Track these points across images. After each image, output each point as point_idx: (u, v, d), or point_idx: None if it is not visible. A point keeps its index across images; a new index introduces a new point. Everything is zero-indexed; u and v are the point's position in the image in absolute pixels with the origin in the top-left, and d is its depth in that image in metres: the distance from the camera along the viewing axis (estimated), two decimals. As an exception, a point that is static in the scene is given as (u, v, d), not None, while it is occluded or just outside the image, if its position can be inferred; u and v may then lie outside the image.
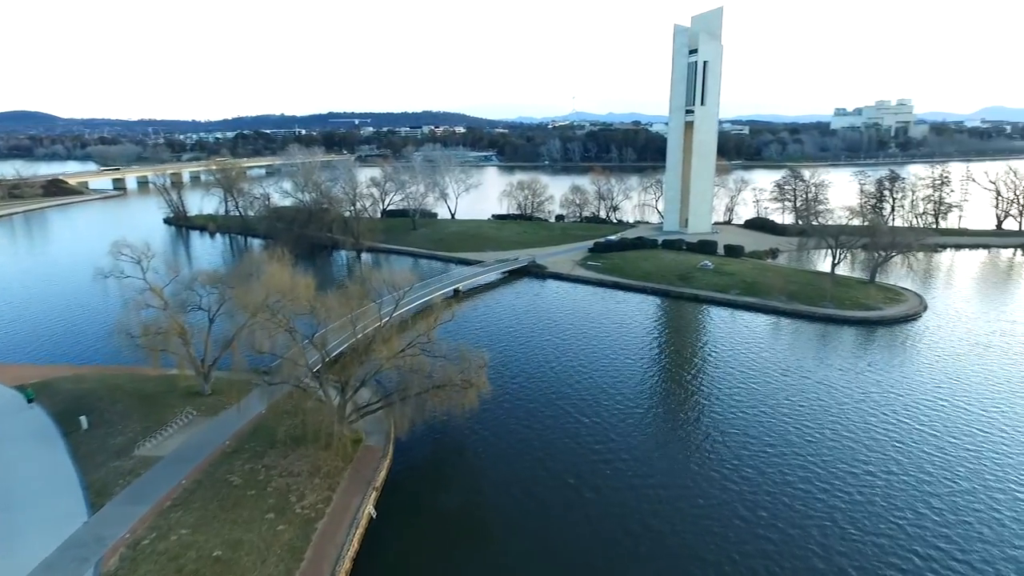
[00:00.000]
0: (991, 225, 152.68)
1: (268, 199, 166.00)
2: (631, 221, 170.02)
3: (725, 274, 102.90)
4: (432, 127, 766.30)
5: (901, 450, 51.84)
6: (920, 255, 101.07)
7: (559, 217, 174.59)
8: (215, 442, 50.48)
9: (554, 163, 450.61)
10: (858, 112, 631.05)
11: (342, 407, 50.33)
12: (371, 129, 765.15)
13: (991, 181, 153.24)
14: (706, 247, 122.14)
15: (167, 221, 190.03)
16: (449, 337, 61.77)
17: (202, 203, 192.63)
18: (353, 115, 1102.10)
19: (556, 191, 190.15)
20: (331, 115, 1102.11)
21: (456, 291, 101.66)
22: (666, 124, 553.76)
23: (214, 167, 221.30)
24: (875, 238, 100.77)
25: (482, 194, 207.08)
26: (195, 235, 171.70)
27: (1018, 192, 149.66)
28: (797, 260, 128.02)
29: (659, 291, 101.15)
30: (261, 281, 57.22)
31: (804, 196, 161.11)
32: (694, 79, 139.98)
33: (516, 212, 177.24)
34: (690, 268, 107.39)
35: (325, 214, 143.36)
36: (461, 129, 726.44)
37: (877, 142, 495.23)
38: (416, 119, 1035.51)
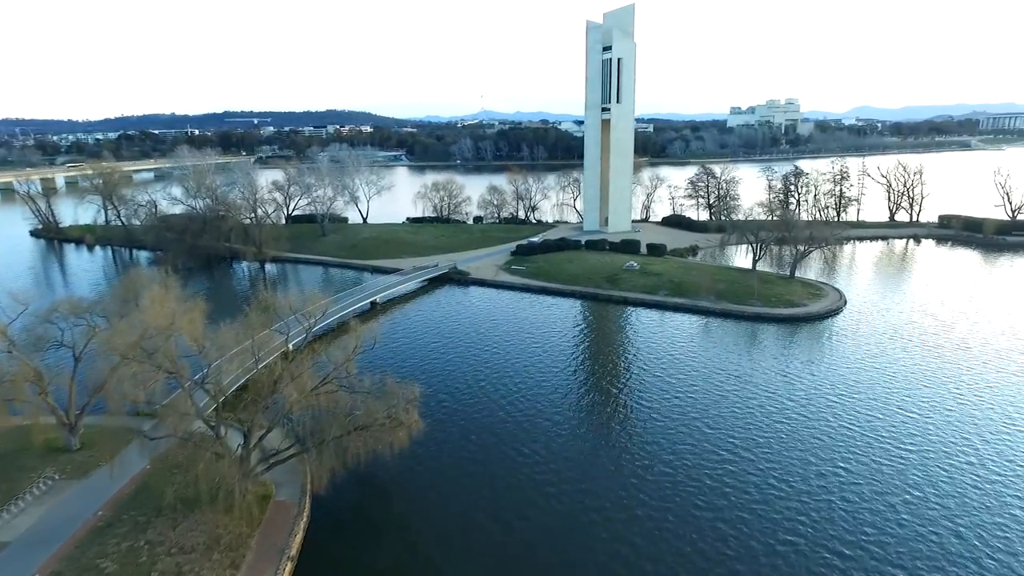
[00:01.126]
0: (884, 217, 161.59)
1: (155, 206, 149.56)
2: (550, 221, 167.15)
3: (652, 274, 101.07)
4: (337, 126, 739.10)
5: (853, 455, 50.18)
6: (835, 249, 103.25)
7: (477, 219, 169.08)
8: (83, 514, 41.03)
9: (466, 162, 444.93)
10: (752, 111, 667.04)
11: (245, 458, 42.25)
12: (272, 129, 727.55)
13: (883, 175, 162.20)
14: (629, 247, 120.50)
15: (34, 234, 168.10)
16: (370, 360, 54.74)
17: (77, 212, 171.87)
18: (252, 114, 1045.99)
19: (472, 191, 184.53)
20: (228, 114, 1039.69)
21: (373, 304, 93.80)
22: (575, 123, 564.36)
23: (90, 171, 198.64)
24: (794, 233, 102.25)
25: (395, 196, 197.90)
26: (70, 249, 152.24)
27: (907, 185, 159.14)
28: (715, 257, 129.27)
29: (588, 295, 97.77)
30: (138, 314, 47.71)
31: (717, 193, 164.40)
32: (609, 76, 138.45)
33: (432, 214, 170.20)
34: (616, 269, 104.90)
35: (222, 222, 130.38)
36: (368, 128, 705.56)
37: (770, 139, 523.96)
38: (320, 118, 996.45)
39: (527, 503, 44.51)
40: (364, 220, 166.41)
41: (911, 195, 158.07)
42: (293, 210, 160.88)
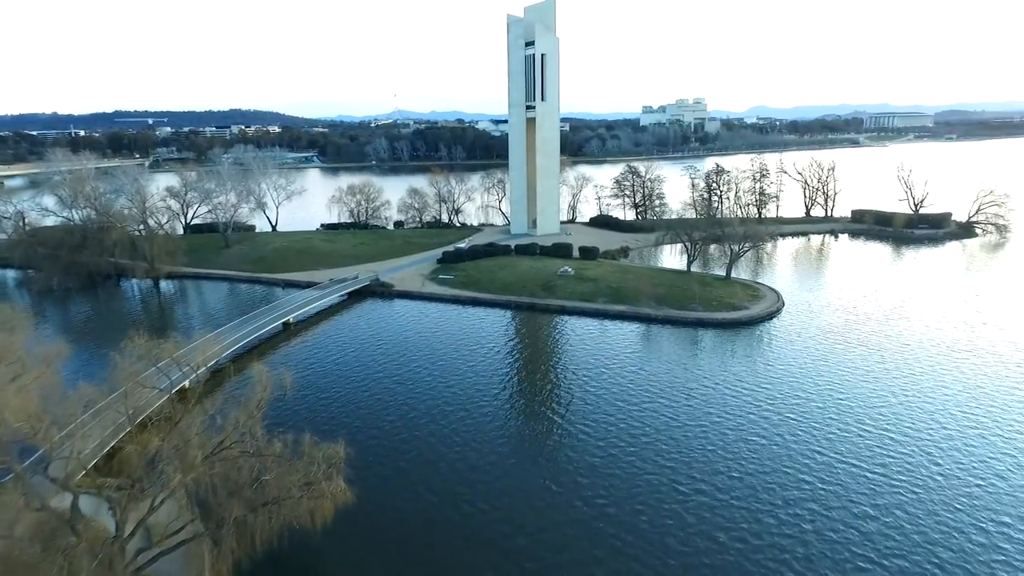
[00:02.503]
0: (800, 213, 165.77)
1: (23, 218, 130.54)
2: (476, 224, 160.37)
3: (588, 280, 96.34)
4: (243, 127, 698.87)
5: (823, 470, 46.61)
6: (768, 247, 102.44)
7: (398, 224, 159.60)
8: None
9: (382, 163, 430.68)
10: (662, 110, 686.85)
11: (119, 548, 32.85)
12: (169, 130, 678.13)
13: (799, 172, 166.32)
14: (561, 250, 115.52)
15: None
16: (282, 407, 45.95)
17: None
18: (147, 113, 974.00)
19: (391, 194, 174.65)
20: (119, 114, 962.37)
21: (286, 324, 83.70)
22: (492, 122, 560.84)
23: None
24: (728, 232, 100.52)
25: (307, 201, 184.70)
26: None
27: (821, 181, 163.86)
28: (645, 258, 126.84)
29: (523, 304, 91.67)
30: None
31: (642, 192, 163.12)
32: (532, 73, 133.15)
33: (349, 220, 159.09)
34: (551, 276, 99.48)
35: (104, 235, 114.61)
36: (276, 128, 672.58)
37: (681, 137, 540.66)
38: (224, 118, 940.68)
39: (483, 563, 37.61)
40: (273, 228, 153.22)
41: (826, 191, 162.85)
42: (192, 219, 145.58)
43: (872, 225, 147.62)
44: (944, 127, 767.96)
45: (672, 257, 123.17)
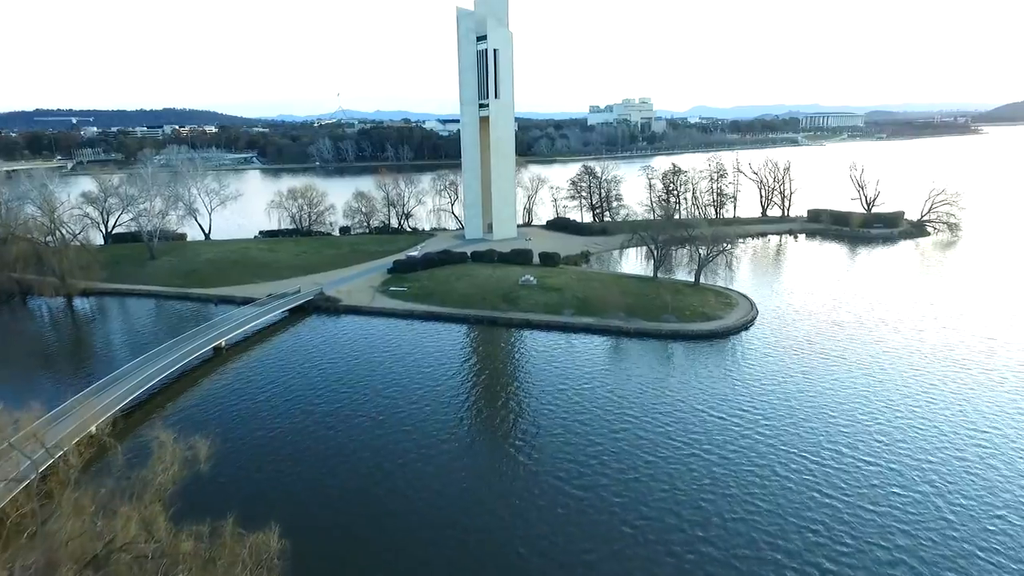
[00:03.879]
0: (756, 213, 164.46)
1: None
2: (428, 229, 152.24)
3: (552, 290, 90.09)
4: (176, 127, 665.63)
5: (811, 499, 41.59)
6: (736, 251, 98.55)
7: (344, 229, 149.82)
8: None
9: (326, 164, 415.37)
10: (609, 109, 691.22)
11: None
12: (95, 130, 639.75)
13: (754, 172, 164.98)
14: (521, 257, 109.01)
15: None
16: (198, 477, 37.47)
17: None
18: (71, 112, 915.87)
19: (336, 198, 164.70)
20: (39, 112, 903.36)
21: (218, 349, 74.17)
22: (439, 121, 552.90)
23: None
24: (696, 235, 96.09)
25: (245, 206, 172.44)
26: None
27: (777, 181, 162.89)
28: (607, 263, 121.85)
29: (484, 319, 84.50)
30: None
31: (599, 193, 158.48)
32: (485, 69, 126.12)
33: (291, 227, 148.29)
34: (512, 285, 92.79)
35: (5, 248, 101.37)
36: (213, 129, 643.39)
37: (629, 136, 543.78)
38: (156, 117, 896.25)
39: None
40: (206, 236, 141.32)
41: (782, 191, 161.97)
42: (113, 228, 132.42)
43: (829, 225, 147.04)
44: (874, 127, 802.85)
45: (636, 262, 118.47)
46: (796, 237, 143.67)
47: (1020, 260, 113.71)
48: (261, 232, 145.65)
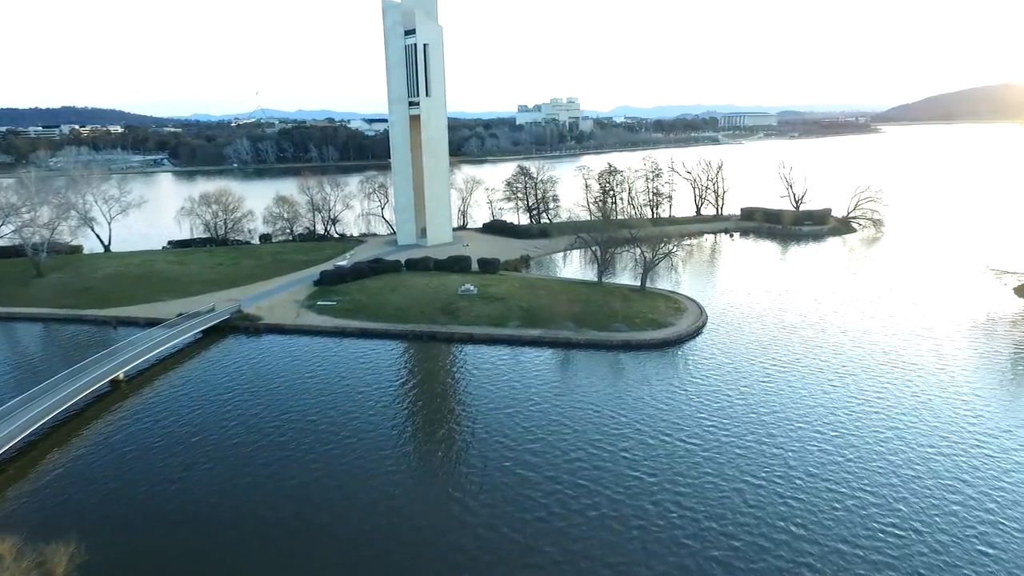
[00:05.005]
0: (691, 212, 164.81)
1: None
2: (357, 235, 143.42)
3: (494, 299, 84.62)
4: (76, 126, 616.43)
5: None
6: (680, 253, 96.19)
7: (265, 237, 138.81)
8: None
9: (244, 165, 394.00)
10: (538, 108, 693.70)
11: None
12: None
13: (688, 171, 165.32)
14: (459, 264, 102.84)
15: None
16: (88, 516, 29.74)
17: None
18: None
19: (256, 202, 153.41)
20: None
21: (116, 383, 64.39)
22: (365, 121, 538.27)
23: None
24: (642, 236, 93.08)
25: (152, 213, 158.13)
26: None
27: (710, 179, 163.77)
28: (546, 267, 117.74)
29: (422, 334, 77.89)
30: None
31: (535, 194, 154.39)
32: (415, 66, 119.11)
33: (204, 235, 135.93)
34: (451, 296, 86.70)
35: None
36: (118, 128, 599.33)
37: (558, 135, 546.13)
38: (53, 116, 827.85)
39: None
40: (106, 249, 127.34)
41: (716, 189, 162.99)
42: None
43: (762, 223, 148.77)
44: (786, 126, 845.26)
45: (578, 266, 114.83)
46: (732, 236, 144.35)
47: (941, 254, 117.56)
48: (170, 242, 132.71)
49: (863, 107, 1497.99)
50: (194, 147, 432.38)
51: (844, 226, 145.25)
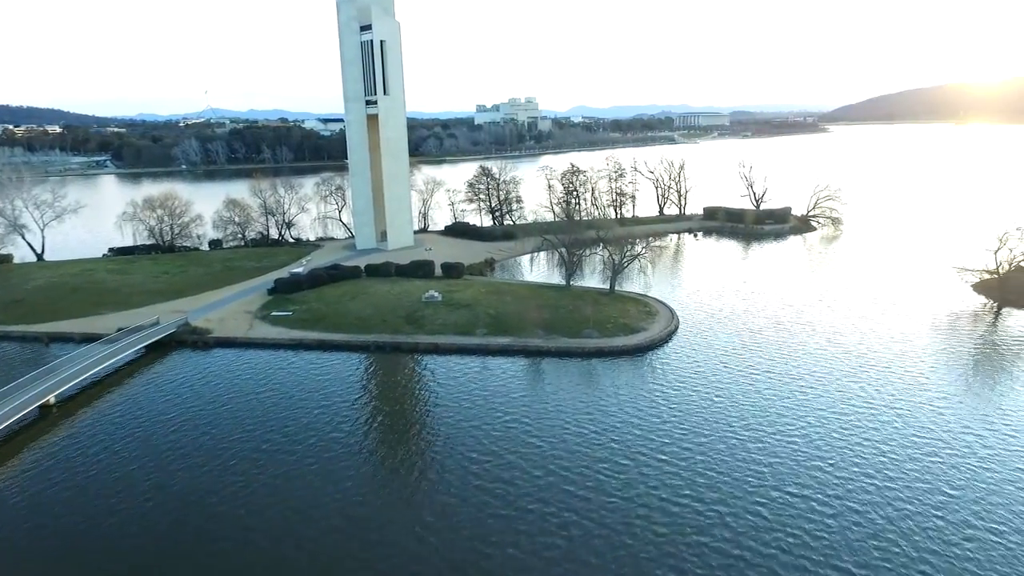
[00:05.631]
0: (653, 211, 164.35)
1: None
2: (314, 240, 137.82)
3: (460, 306, 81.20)
4: (9, 126, 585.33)
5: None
6: (648, 255, 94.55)
7: (215, 243, 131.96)
8: None
9: (194, 167, 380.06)
10: (496, 108, 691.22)
11: None
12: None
13: (650, 171, 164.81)
14: (421, 269, 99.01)
15: None
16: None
17: None
18: None
19: (205, 206, 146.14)
20: None
21: (46, 408, 58.62)
22: (320, 121, 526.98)
23: None
24: (609, 237, 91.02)
25: (92, 218, 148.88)
26: None
27: (673, 179, 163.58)
28: (511, 270, 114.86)
29: (385, 345, 73.87)
30: None
31: (498, 195, 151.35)
32: (371, 63, 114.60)
33: (149, 242, 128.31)
34: (415, 303, 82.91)
35: None
36: (56, 128, 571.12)
37: (517, 135, 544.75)
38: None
39: None
40: (39, 257, 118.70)
41: (678, 189, 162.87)
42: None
43: (725, 222, 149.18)
44: (739, 125, 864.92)
45: (544, 269, 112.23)
46: (696, 236, 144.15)
47: (898, 251, 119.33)
48: (111, 249, 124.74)
49: (809, 107, 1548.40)
50: (139, 148, 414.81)
51: (804, 224, 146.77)
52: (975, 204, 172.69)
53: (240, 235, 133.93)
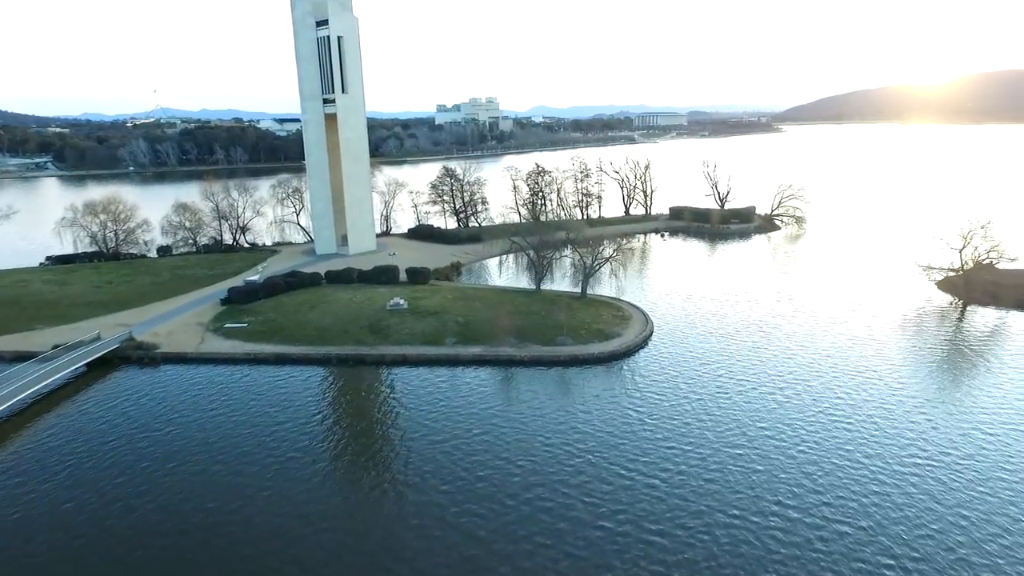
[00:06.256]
0: (619, 212, 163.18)
1: None
2: (270, 245, 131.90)
3: (427, 314, 77.61)
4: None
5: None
6: (620, 256, 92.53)
7: (164, 250, 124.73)
8: None
9: (142, 169, 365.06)
10: (457, 108, 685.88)
11: None
12: None
13: (616, 171, 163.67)
14: (385, 275, 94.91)
15: None
16: None
17: None
18: None
19: (153, 210, 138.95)
20: None
21: (-34, 438, 52.79)
22: (276, 121, 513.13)
23: None
24: (579, 241, 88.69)
25: (28, 224, 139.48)
26: None
27: (639, 179, 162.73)
28: (479, 274, 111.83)
29: (348, 357, 69.79)
30: None
31: (462, 196, 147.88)
32: (329, 60, 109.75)
33: (91, 250, 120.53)
34: (379, 311, 78.92)
35: None
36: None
37: (478, 135, 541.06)
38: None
39: None
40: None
41: (644, 189, 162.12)
42: None
43: (691, 222, 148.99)
44: (696, 125, 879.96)
45: (513, 272, 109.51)
46: (663, 236, 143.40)
47: (862, 249, 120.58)
48: (49, 258, 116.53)
49: (762, 108, 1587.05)
50: (83, 149, 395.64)
51: (769, 224, 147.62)
52: (928, 202, 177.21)
53: (191, 241, 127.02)
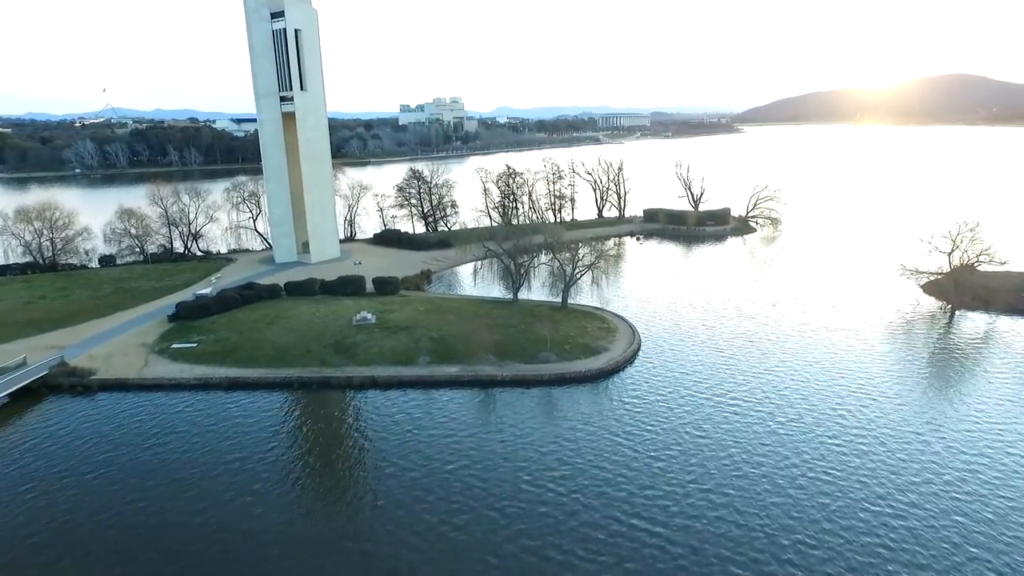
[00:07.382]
0: (592, 214, 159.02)
1: None
2: (225, 252, 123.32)
3: (398, 329, 71.41)
4: None
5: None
6: (602, 263, 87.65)
7: (107, 260, 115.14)
8: None
9: (90, 171, 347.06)
10: (421, 108, 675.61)
11: None
12: None
13: (588, 172, 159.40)
14: (351, 286, 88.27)
15: None
16: None
17: None
18: None
19: (96, 216, 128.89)
20: None
21: None
22: (233, 121, 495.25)
23: None
24: (557, 247, 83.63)
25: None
26: None
27: (612, 180, 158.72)
28: (450, 283, 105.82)
29: (311, 381, 63.23)
30: None
31: (431, 199, 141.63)
32: (285, 54, 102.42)
33: (23, 260, 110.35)
34: (344, 327, 72.39)
35: None
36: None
37: (443, 136, 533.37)
38: None
39: None
40: None
41: (618, 191, 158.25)
42: None
43: (666, 224, 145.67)
44: (659, 126, 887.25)
45: (488, 280, 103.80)
46: (639, 239, 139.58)
47: (840, 251, 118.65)
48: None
49: (721, 109, 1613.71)
50: (25, 150, 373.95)
51: (744, 225, 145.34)
52: (899, 202, 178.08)
53: (138, 249, 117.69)
